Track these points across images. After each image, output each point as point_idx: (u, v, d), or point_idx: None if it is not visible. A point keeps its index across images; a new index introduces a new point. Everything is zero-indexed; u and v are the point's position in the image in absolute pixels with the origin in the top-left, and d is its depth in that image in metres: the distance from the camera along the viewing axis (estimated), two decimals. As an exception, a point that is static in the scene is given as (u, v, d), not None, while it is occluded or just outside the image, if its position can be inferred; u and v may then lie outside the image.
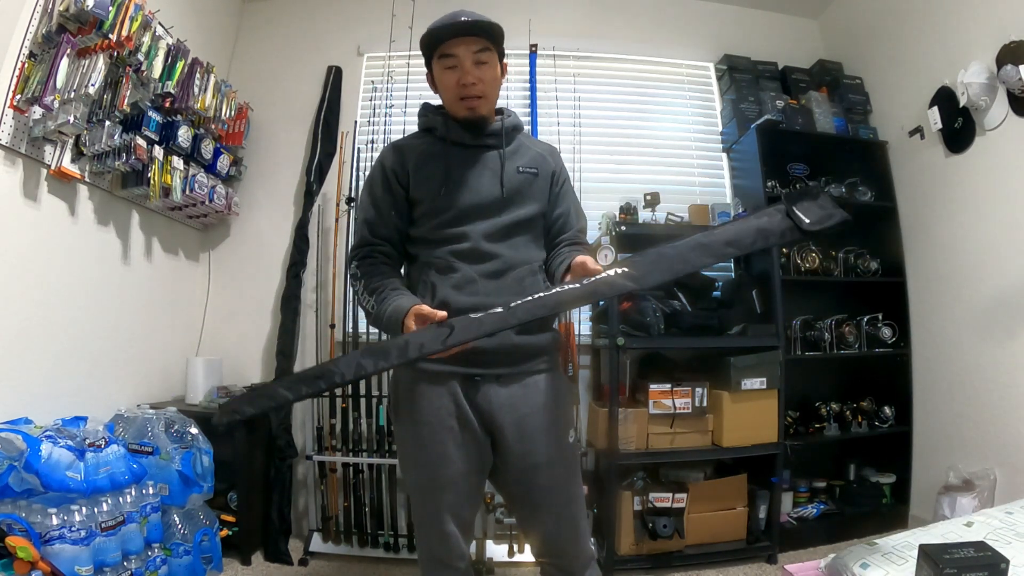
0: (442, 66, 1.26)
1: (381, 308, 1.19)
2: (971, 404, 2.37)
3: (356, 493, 2.44)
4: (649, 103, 3.06)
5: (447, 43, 1.23)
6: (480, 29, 1.23)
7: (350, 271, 1.30)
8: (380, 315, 1.19)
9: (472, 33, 1.23)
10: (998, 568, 1.07)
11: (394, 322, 1.15)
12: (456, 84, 1.25)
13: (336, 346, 2.57)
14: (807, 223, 1.14)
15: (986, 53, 2.27)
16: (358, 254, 1.30)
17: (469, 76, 1.24)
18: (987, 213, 2.33)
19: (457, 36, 1.23)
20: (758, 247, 1.16)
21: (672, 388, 2.29)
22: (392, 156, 1.31)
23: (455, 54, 1.23)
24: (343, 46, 2.98)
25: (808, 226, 1.14)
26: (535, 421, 1.25)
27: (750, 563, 2.34)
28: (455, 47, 1.23)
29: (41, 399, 1.80)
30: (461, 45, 1.23)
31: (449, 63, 1.24)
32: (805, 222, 1.14)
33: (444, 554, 1.24)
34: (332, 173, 2.78)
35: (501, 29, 1.26)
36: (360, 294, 1.26)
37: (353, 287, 1.29)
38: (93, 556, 1.56)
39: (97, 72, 1.79)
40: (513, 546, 2.34)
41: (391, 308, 1.17)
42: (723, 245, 1.13)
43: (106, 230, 2.16)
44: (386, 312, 1.18)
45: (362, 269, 1.28)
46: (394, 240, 1.31)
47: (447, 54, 1.24)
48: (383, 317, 1.18)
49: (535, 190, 1.33)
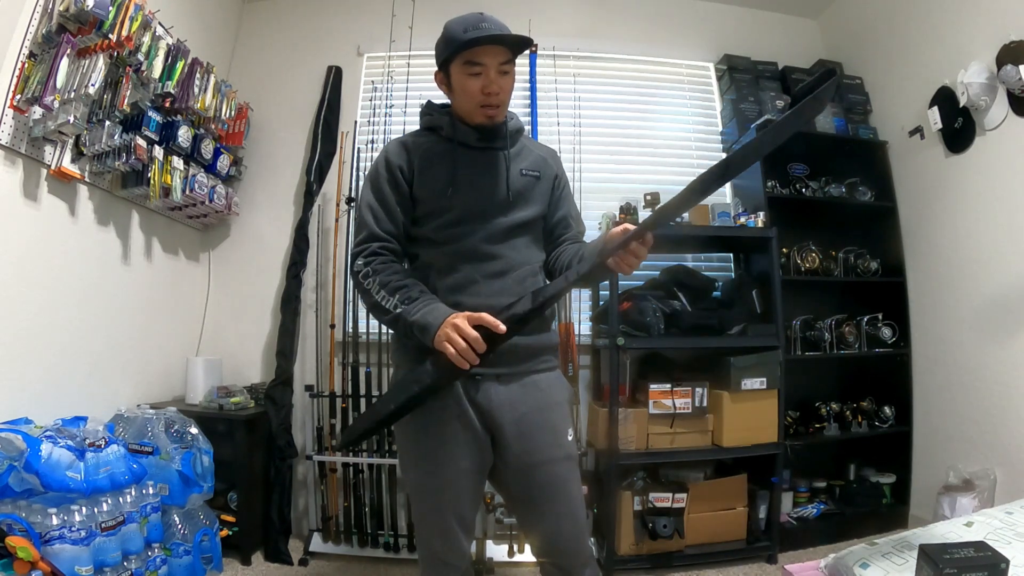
0: (465, 71, 1.24)
1: (411, 309, 1.16)
2: (971, 404, 2.37)
3: (356, 493, 2.44)
4: (649, 103, 3.06)
5: (476, 50, 1.22)
6: (515, 42, 1.23)
7: (355, 267, 1.25)
8: (408, 315, 1.16)
9: (506, 44, 1.23)
10: (998, 568, 1.07)
11: (431, 325, 1.13)
12: (480, 91, 1.24)
13: (336, 346, 2.57)
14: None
15: (986, 53, 2.27)
16: (364, 250, 1.26)
17: (494, 85, 1.24)
18: (987, 213, 2.33)
19: (489, 45, 1.22)
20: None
21: (672, 388, 2.29)
22: (397, 152, 1.31)
23: (483, 63, 1.22)
24: (343, 46, 2.98)
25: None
26: (534, 420, 1.25)
27: (750, 563, 2.34)
28: (484, 56, 1.22)
29: (41, 399, 1.80)
30: (490, 54, 1.22)
31: (475, 70, 1.23)
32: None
33: (444, 552, 1.24)
34: (332, 173, 2.78)
35: (532, 43, 1.26)
36: (375, 292, 1.20)
37: (362, 283, 1.23)
38: (93, 556, 1.56)
39: (97, 72, 1.79)
40: (513, 546, 2.34)
41: (427, 310, 1.15)
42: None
43: (106, 230, 2.16)
44: (418, 312, 1.15)
45: (373, 266, 1.23)
46: (399, 237, 1.30)
47: (475, 61, 1.23)
48: (412, 318, 1.15)
49: (537, 193, 1.34)
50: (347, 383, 2.49)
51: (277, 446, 2.45)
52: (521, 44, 1.24)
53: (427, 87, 2.75)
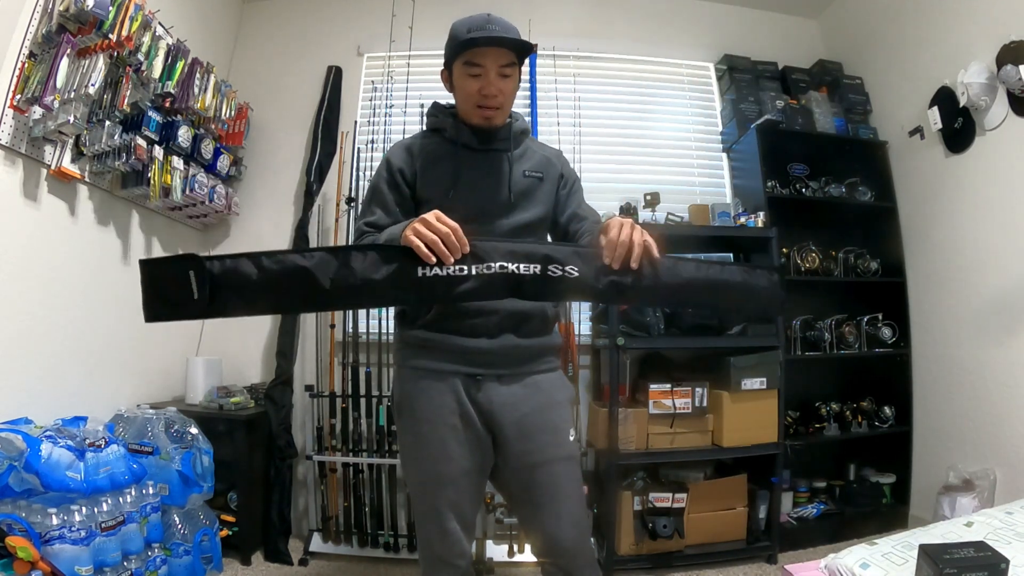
0: (466, 71, 1.24)
1: (379, 236, 1.15)
2: (971, 404, 2.37)
3: (356, 493, 2.44)
4: (649, 103, 3.06)
5: (477, 51, 1.22)
6: (514, 45, 1.22)
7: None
8: (377, 240, 1.15)
9: (504, 46, 1.22)
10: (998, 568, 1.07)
11: (396, 231, 1.10)
12: (477, 92, 1.24)
13: (336, 346, 2.57)
14: None
15: (986, 53, 2.27)
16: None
17: (492, 87, 1.24)
18: (987, 213, 2.33)
19: (489, 47, 1.21)
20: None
21: (672, 388, 2.29)
22: (400, 154, 1.31)
23: (482, 64, 1.22)
24: (343, 46, 2.98)
25: None
26: (535, 420, 1.25)
27: (750, 563, 2.34)
28: (484, 57, 1.22)
29: (41, 399, 1.80)
30: (490, 56, 1.22)
31: (474, 71, 1.23)
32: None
33: (445, 552, 1.24)
34: (332, 173, 2.77)
35: (533, 48, 1.25)
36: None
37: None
38: (93, 556, 1.56)
39: (97, 72, 1.79)
40: (513, 546, 2.34)
41: (394, 228, 1.12)
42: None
43: (106, 230, 2.16)
44: (386, 233, 1.13)
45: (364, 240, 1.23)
46: None
47: (474, 62, 1.23)
48: (382, 239, 1.14)
49: (540, 194, 1.34)
50: (347, 383, 2.49)
51: (277, 446, 2.45)
52: (523, 48, 1.23)
53: (427, 87, 2.75)
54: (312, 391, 2.51)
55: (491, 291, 1.08)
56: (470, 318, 1.22)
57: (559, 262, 1.09)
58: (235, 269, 0.97)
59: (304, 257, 0.99)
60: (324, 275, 0.99)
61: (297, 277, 0.98)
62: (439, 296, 1.09)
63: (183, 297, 0.95)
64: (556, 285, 1.09)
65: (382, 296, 1.12)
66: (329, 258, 1.00)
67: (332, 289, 0.99)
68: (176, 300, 0.96)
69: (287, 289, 1.00)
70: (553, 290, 1.11)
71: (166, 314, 1.00)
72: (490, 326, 1.23)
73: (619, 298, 1.14)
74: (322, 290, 0.99)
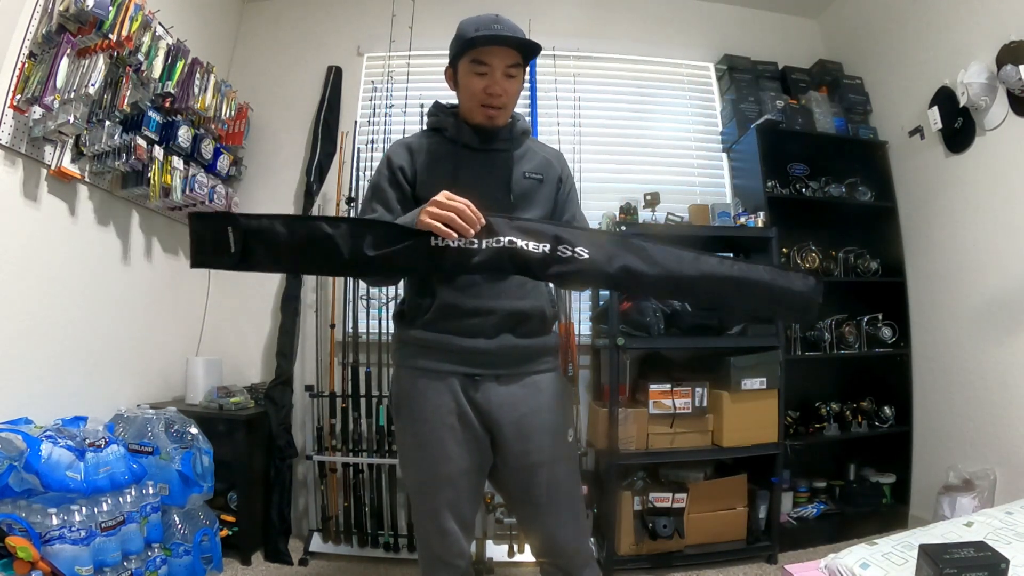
0: (471, 70, 1.25)
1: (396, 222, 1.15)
2: (971, 404, 2.37)
3: (356, 493, 2.44)
4: (649, 103, 3.06)
5: (484, 50, 1.22)
6: (522, 45, 1.23)
7: None
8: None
9: (512, 46, 1.22)
10: (998, 568, 1.07)
11: (409, 216, 1.12)
12: (482, 91, 1.24)
13: (336, 346, 2.57)
14: None
15: (986, 53, 2.27)
16: None
17: (497, 87, 1.24)
18: (987, 213, 2.33)
19: (498, 46, 1.22)
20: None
21: (672, 388, 2.29)
22: (401, 153, 1.31)
23: (489, 63, 1.23)
24: (343, 46, 2.98)
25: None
26: (534, 420, 1.25)
27: (750, 563, 2.34)
28: (490, 56, 1.22)
29: (41, 399, 1.80)
30: (497, 56, 1.22)
31: (480, 69, 1.24)
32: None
33: (444, 552, 1.24)
34: (332, 173, 2.77)
35: (539, 49, 1.25)
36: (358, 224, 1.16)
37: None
38: (93, 556, 1.56)
39: (97, 72, 1.79)
40: (513, 546, 2.34)
41: (406, 216, 1.13)
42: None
43: (106, 230, 2.16)
44: (401, 221, 1.13)
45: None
46: None
47: (481, 60, 1.23)
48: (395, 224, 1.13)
49: (540, 195, 1.34)
50: (347, 383, 2.49)
51: (277, 446, 2.45)
52: (528, 48, 1.24)
53: (427, 87, 2.75)
54: (312, 391, 2.51)
55: (500, 265, 1.11)
56: (468, 318, 1.22)
57: (569, 243, 1.11)
58: (269, 228, 1.07)
59: (331, 226, 1.07)
60: (345, 244, 1.06)
61: (322, 243, 1.07)
62: (449, 266, 1.12)
63: (221, 250, 1.06)
64: (565, 266, 1.11)
65: (393, 266, 1.14)
66: (353, 229, 1.08)
67: (350, 258, 1.07)
68: (215, 251, 1.07)
69: (311, 253, 1.10)
70: (562, 271, 1.11)
71: (207, 263, 1.12)
72: (488, 326, 1.23)
73: (631, 284, 1.15)
74: (341, 257, 1.07)
